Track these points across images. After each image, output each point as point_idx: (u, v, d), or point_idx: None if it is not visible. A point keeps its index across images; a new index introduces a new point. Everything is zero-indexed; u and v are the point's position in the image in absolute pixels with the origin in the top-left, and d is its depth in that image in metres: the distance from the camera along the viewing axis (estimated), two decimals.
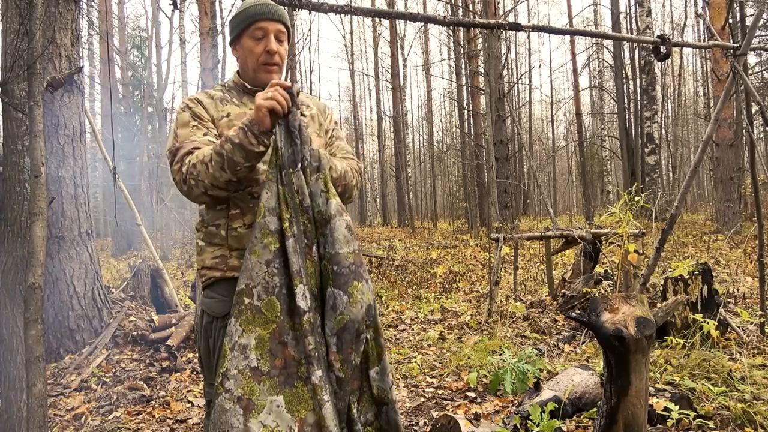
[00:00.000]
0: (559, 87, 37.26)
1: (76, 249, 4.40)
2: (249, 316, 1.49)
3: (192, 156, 1.64)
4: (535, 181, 16.19)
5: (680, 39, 20.19)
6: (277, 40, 1.79)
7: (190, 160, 1.63)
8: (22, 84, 3.41)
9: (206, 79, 13.45)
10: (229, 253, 1.75)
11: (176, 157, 1.68)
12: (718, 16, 11.10)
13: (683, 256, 8.13)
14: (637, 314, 2.12)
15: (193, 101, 1.79)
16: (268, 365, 1.47)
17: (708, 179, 24.82)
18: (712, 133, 4.00)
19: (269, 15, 1.77)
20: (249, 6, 1.78)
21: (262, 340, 1.47)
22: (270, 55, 1.77)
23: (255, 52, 1.78)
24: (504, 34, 15.85)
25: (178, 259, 12.13)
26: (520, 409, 2.86)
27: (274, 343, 1.48)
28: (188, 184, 1.63)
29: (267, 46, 1.77)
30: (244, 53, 1.81)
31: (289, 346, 1.49)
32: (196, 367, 4.23)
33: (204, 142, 1.69)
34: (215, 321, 1.75)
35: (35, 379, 2.08)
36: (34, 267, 2.12)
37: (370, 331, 1.58)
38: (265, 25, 1.76)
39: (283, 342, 1.49)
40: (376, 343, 1.61)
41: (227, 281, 1.75)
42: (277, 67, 1.81)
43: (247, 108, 1.81)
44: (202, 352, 1.79)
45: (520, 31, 2.96)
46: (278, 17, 1.78)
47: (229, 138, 1.58)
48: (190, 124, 1.74)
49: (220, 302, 1.74)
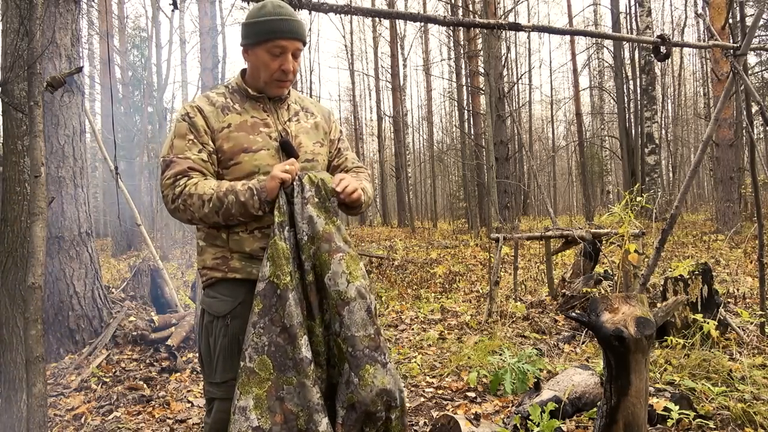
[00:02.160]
0: (559, 87, 37.25)
1: (76, 249, 4.40)
2: (244, 379, 1.54)
3: (189, 182, 1.66)
4: (535, 181, 16.20)
5: (680, 39, 20.18)
6: (293, 57, 1.75)
7: (186, 187, 1.65)
8: (22, 84, 3.41)
9: (206, 79, 13.46)
10: (230, 255, 1.75)
11: (169, 171, 1.69)
12: (718, 16, 11.10)
13: (683, 256, 8.13)
14: (637, 314, 2.12)
15: (194, 109, 1.75)
16: (268, 423, 1.50)
17: (708, 179, 24.82)
18: (712, 133, 4.00)
19: (291, 34, 1.71)
20: (270, 19, 1.70)
21: (259, 399, 1.52)
22: (285, 74, 1.74)
23: (270, 67, 1.74)
24: (504, 34, 15.85)
25: (178, 259, 12.13)
26: (520, 409, 2.86)
27: (271, 401, 1.52)
28: (176, 207, 1.67)
29: (283, 65, 1.73)
30: (257, 63, 1.76)
31: (287, 401, 1.52)
32: (196, 367, 4.23)
33: (197, 162, 1.70)
34: (216, 320, 1.74)
35: (35, 379, 2.08)
36: (34, 267, 2.12)
37: (396, 411, 1.61)
38: (285, 44, 1.71)
39: (280, 397, 1.53)
40: (401, 422, 1.64)
41: (228, 281, 1.75)
42: (289, 83, 1.79)
43: (248, 116, 1.78)
44: (203, 351, 1.79)
45: (520, 31, 2.96)
46: (299, 36, 1.73)
47: (236, 192, 1.62)
48: (186, 137, 1.72)
49: (221, 302, 1.74)
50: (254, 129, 1.76)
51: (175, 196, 1.66)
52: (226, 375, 1.71)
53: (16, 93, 3.51)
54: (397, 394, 1.62)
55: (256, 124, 1.77)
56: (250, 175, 1.72)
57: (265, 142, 1.75)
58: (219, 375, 1.73)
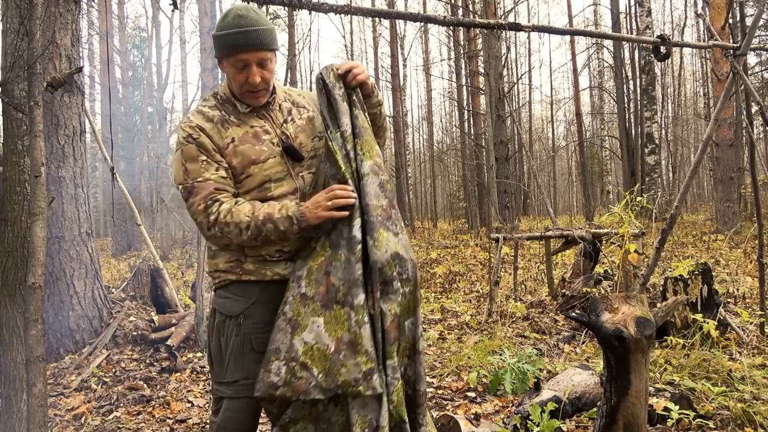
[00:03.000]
0: (559, 87, 37.21)
1: (76, 249, 4.40)
2: (306, 254, 1.74)
3: (222, 208, 1.67)
4: (535, 181, 16.20)
5: (680, 39, 20.19)
6: (260, 66, 1.70)
7: (221, 215, 1.66)
8: (22, 84, 3.41)
9: (206, 79, 13.46)
10: (245, 258, 1.75)
11: (195, 197, 1.69)
12: (718, 16, 11.10)
13: (683, 256, 8.13)
14: (637, 314, 2.12)
15: (195, 129, 1.72)
16: (313, 291, 1.68)
17: (708, 179, 24.81)
18: (712, 133, 4.00)
19: (249, 47, 1.66)
20: (228, 33, 1.66)
21: (311, 270, 1.71)
22: (253, 85, 1.71)
23: (237, 80, 1.71)
24: (504, 34, 15.85)
25: (178, 259, 12.13)
26: (520, 409, 2.86)
27: (320, 273, 1.70)
28: (213, 234, 1.70)
29: (249, 77, 1.69)
30: (228, 76, 1.75)
31: (332, 275, 1.69)
32: (196, 367, 4.23)
33: (219, 181, 1.70)
34: (228, 320, 1.74)
35: (35, 379, 2.08)
36: (34, 267, 2.12)
37: (409, 285, 1.72)
38: (245, 57, 1.67)
39: (327, 272, 1.70)
40: (413, 297, 1.74)
41: (242, 282, 1.75)
42: (263, 91, 1.75)
43: (248, 126, 1.75)
44: (214, 351, 1.78)
45: (520, 31, 2.96)
46: (259, 46, 1.67)
47: (274, 221, 1.65)
48: (199, 159, 1.70)
49: (234, 302, 1.74)
50: (257, 138, 1.75)
51: (210, 224, 1.68)
52: (237, 374, 1.72)
53: (16, 93, 3.51)
54: (409, 265, 1.71)
55: (258, 133, 1.76)
56: (261, 185, 1.73)
57: (270, 150, 1.75)
58: (230, 374, 1.73)
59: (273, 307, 1.73)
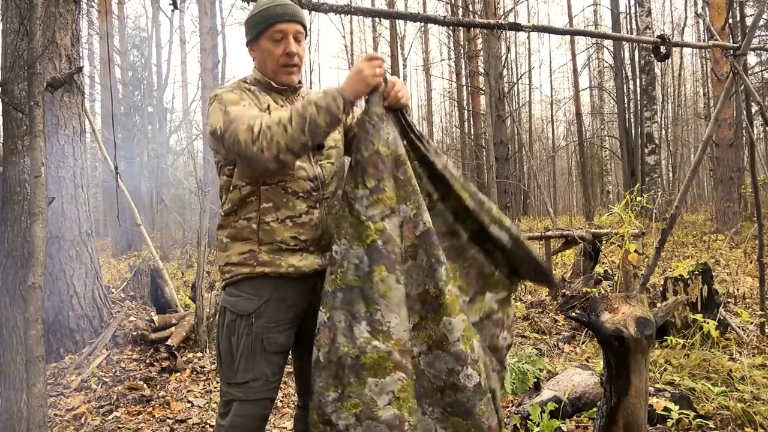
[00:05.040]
0: (559, 87, 37.24)
1: (76, 249, 4.40)
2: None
3: (263, 118, 1.60)
4: (535, 181, 16.19)
5: (680, 39, 20.20)
6: (295, 40, 1.76)
7: (263, 122, 1.58)
8: (22, 84, 3.41)
9: (206, 79, 13.46)
10: (259, 248, 1.71)
11: (239, 123, 1.60)
12: (718, 16, 11.10)
13: (683, 256, 8.13)
14: (637, 314, 2.12)
15: (235, 88, 1.76)
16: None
17: (708, 179, 24.80)
18: (712, 133, 4.00)
19: (288, 17, 1.74)
20: (266, 7, 1.75)
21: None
22: (290, 57, 1.75)
23: (274, 54, 1.75)
24: (504, 34, 15.85)
25: (178, 259, 12.13)
26: (520, 409, 2.86)
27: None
28: (259, 147, 1.56)
29: (287, 48, 1.74)
30: (263, 54, 1.78)
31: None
32: (196, 367, 4.23)
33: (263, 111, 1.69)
34: (239, 319, 1.70)
35: (35, 379, 2.08)
36: (34, 267, 2.12)
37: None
38: (284, 27, 1.73)
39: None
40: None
41: (254, 279, 1.71)
42: (296, 68, 1.80)
43: (279, 104, 1.79)
44: (224, 351, 1.74)
45: (520, 31, 2.96)
46: (297, 18, 1.76)
47: (314, 102, 1.59)
48: (241, 102, 1.69)
49: (246, 300, 1.71)
50: None
51: (255, 137, 1.56)
52: (248, 375, 1.69)
53: (16, 93, 3.51)
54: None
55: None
56: None
57: None
58: (240, 375, 1.70)
59: (285, 306, 1.71)
